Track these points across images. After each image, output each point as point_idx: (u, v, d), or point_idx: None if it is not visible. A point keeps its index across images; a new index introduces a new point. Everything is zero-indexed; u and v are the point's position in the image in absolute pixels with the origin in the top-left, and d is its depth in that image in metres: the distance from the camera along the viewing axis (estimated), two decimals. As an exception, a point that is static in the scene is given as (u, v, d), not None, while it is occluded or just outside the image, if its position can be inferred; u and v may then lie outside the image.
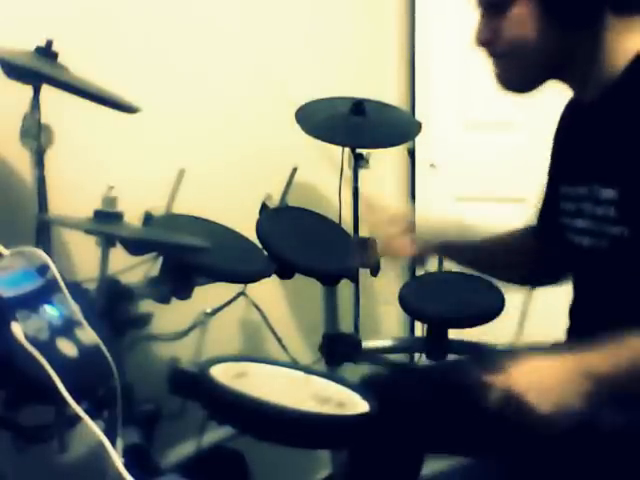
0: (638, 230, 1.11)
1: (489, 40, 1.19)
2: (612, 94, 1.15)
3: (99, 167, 1.74)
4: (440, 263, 2.24)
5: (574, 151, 1.26)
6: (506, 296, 2.04)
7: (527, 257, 1.44)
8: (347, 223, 2.19)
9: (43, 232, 1.43)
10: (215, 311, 1.75)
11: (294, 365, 1.64)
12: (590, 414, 1.00)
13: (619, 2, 1.13)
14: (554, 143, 1.36)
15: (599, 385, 1.01)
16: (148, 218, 1.63)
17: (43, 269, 1.13)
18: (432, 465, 1.41)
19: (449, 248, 1.48)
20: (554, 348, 1.26)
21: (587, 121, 1.22)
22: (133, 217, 1.51)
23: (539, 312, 1.54)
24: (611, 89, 1.15)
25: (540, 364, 1.04)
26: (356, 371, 1.87)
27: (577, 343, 1.06)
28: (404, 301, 2.07)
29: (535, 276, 1.46)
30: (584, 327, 1.28)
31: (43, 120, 1.42)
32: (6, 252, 1.14)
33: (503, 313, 1.99)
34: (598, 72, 1.16)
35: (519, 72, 1.20)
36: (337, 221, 2.19)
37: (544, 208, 1.41)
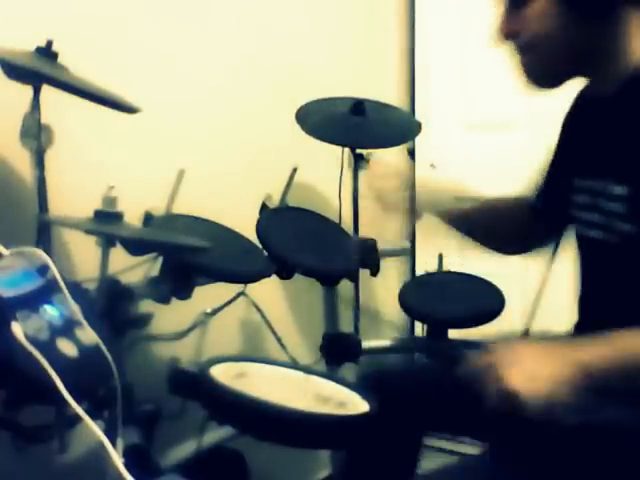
0: None
1: (514, 32, 1.18)
2: (629, 89, 1.14)
3: (99, 167, 1.74)
4: (440, 263, 2.24)
5: (589, 144, 1.26)
6: (506, 296, 2.04)
7: (520, 226, 1.47)
8: (347, 223, 2.19)
9: (43, 232, 1.43)
10: (215, 311, 1.75)
11: (294, 365, 1.64)
12: (583, 410, 1.01)
13: None
14: (565, 133, 1.36)
15: (593, 380, 1.01)
16: (148, 218, 1.63)
17: (43, 269, 1.13)
18: (428, 464, 1.41)
19: (446, 213, 1.51)
20: (553, 340, 1.27)
21: (603, 114, 1.21)
22: (133, 217, 1.51)
23: (542, 310, 1.54)
24: (628, 84, 1.15)
25: (535, 363, 1.03)
26: (355, 372, 1.87)
27: (578, 336, 1.06)
28: (404, 301, 2.08)
29: (523, 244, 1.50)
30: (592, 320, 1.28)
31: (43, 120, 1.42)
32: (6, 252, 1.14)
33: (503, 313, 1.99)
34: (617, 66, 1.16)
35: (544, 66, 1.19)
36: (337, 221, 2.19)
37: (549, 195, 1.41)
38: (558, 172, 1.38)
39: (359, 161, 2.18)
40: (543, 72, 1.20)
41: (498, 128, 2.64)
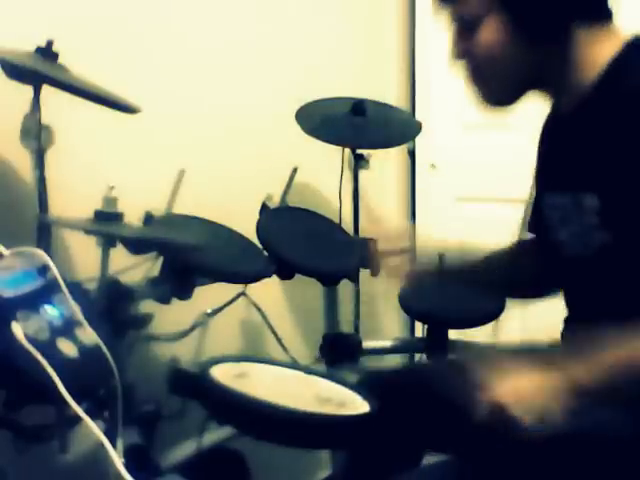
0: (622, 237, 1.11)
1: (463, 55, 1.21)
2: (587, 103, 1.16)
3: (99, 167, 1.74)
4: (440, 263, 2.24)
5: (556, 160, 1.27)
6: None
7: (525, 272, 1.44)
8: (347, 223, 2.19)
9: (43, 232, 1.43)
10: (215, 311, 1.75)
11: (294, 365, 1.64)
12: (575, 424, 1.02)
13: (585, 13, 1.14)
14: (537, 153, 1.37)
15: (582, 397, 1.02)
16: (148, 218, 1.63)
17: (43, 269, 1.13)
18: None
19: (448, 273, 1.48)
20: (544, 353, 1.27)
21: (566, 131, 1.23)
22: (133, 217, 1.51)
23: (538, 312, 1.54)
24: (585, 99, 1.16)
25: (525, 378, 1.06)
26: (356, 371, 1.87)
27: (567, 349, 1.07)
28: (404, 301, 2.07)
29: (534, 290, 1.46)
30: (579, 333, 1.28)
31: (43, 120, 1.42)
32: (6, 252, 1.14)
33: (503, 313, 1.99)
34: (571, 82, 1.17)
35: (495, 86, 1.21)
36: (337, 221, 2.19)
37: (535, 217, 1.41)
38: (536, 192, 1.38)
39: (359, 161, 2.18)
40: (495, 93, 1.22)
41: (498, 128, 2.64)
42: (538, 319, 1.54)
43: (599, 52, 1.14)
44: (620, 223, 1.11)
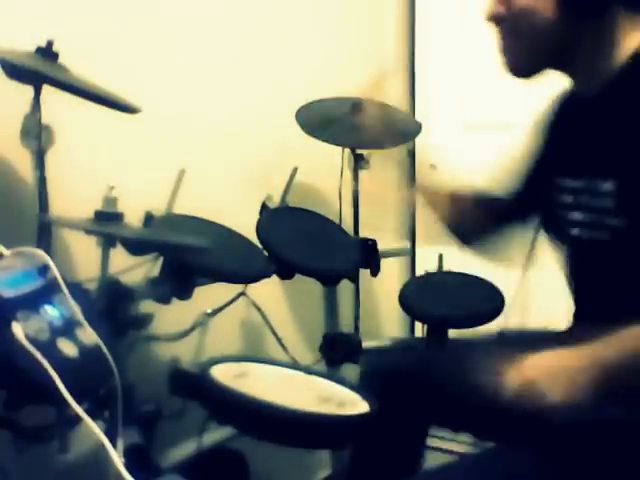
0: (637, 222, 1.11)
1: (500, 15, 1.19)
2: (613, 89, 1.15)
3: (99, 167, 1.74)
4: (440, 263, 2.24)
5: (572, 144, 1.27)
6: (506, 296, 2.05)
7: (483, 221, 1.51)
8: (347, 223, 2.19)
9: (44, 232, 1.43)
10: (216, 311, 1.75)
11: (294, 365, 1.64)
12: (596, 406, 1.00)
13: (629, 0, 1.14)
14: (547, 134, 1.37)
15: (607, 375, 1.01)
16: (148, 218, 1.63)
17: (44, 269, 1.13)
18: (428, 464, 1.42)
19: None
20: (558, 338, 1.27)
21: (587, 115, 1.23)
22: (134, 218, 1.51)
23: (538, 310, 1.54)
24: (613, 84, 1.16)
25: (551, 354, 1.04)
26: (356, 371, 1.87)
27: (581, 334, 1.06)
28: (404, 301, 2.08)
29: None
30: (589, 318, 1.28)
31: (44, 120, 1.42)
32: (7, 252, 1.14)
33: (503, 313, 1.99)
34: (601, 65, 1.17)
35: (524, 49, 1.20)
36: (337, 221, 2.19)
37: (527, 195, 1.43)
38: (540, 173, 1.38)
39: (359, 161, 2.18)
40: (520, 55, 1.21)
41: (498, 128, 2.64)
42: (538, 318, 1.55)
43: (632, 40, 1.15)
44: (636, 208, 1.11)
